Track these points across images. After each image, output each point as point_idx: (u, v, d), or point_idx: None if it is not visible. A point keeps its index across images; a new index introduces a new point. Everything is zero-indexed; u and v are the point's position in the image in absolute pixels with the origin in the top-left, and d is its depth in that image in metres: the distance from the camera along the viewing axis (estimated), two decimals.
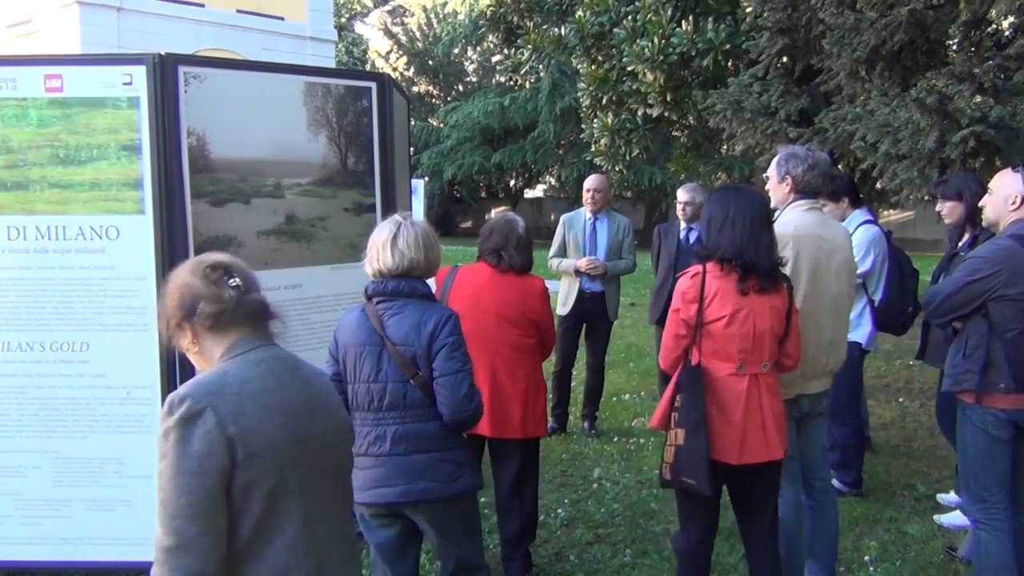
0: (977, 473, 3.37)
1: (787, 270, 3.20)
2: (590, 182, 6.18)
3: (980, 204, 3.56)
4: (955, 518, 4.57)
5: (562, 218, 6.34)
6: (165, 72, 3.61)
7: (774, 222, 3.22)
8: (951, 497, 4.92)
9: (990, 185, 3.46)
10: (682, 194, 6.21)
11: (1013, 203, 3.30)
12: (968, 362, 3.33)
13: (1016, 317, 3.18)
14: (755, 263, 2.97)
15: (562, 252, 6.19)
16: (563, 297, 6.14)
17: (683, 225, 6.23)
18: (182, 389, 1.82)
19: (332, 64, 19.08)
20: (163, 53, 3.66)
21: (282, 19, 17.76)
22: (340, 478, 2.01)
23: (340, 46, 27.57)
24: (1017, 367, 3.19)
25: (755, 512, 3.24)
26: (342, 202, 4.24)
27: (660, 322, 6.22)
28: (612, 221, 6.22)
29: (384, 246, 2.81)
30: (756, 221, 3.01)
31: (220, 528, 1.75)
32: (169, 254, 3.64)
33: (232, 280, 1.93)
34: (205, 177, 3.75)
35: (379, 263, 2.83)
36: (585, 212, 6.21)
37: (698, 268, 3.07)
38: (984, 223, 3.71)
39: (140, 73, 3.60)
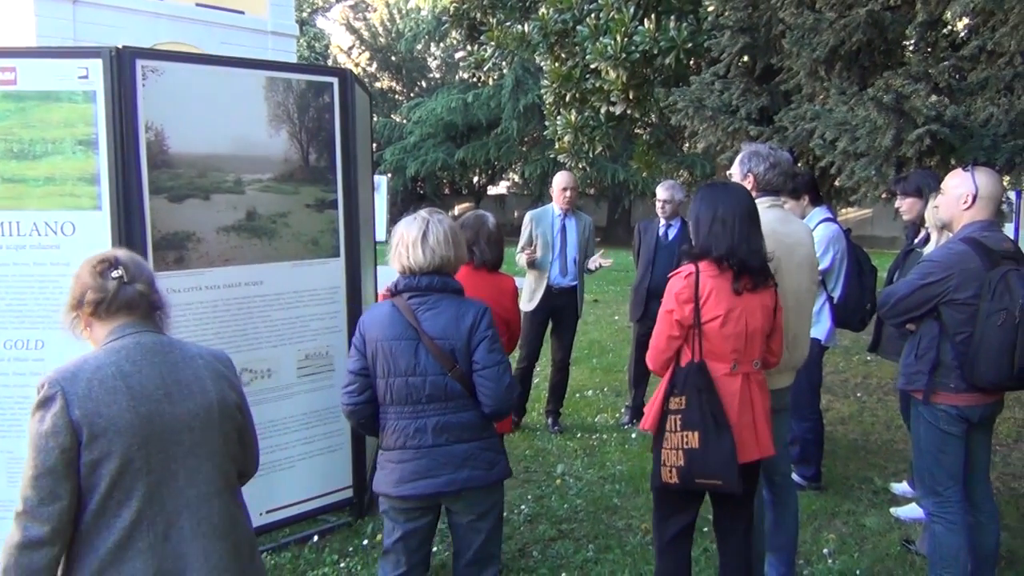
0: (931, 468, 3.44)
1: None
2: (564, 181, 6.20)
3: (934, 205, 3.62)
4: (911, 511, 4.66)
5: (528, 215, 6.33)
6: (122, 65, 3.55)
7: None
8: (904, 487, 5.02)
9: (942, 186, 3.51)
10: (661, 191, 6.25)
11: (965, 202, 3.36)
12: (920, 362, 3.40)
13: (966, 321, 3.23)
14: (747, 261, 2.99)
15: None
16: (529, 294, 6.14)
17: (662, 222, 6.26)
18: (48, 374, 2.05)
19: (293, 59, 18.91)
20: (120, 46, 3.60)
21: (242, 13, 17.56)
22: (209, 453, 2.14)
23: (301, 41, 27.33)
24: (966, 369, 3.25)
25: (735, 509, 3.25)
26: (304, 198, 4.20)
27: (641, 320, 6.26)
28: (580, 219, 6.28)
29: (415, 244, 2.86)
30: (745, 219, 3.02)
31: (61, 501, 1.95)
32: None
33: (115, 272, 2.12)
34: (164, 172, 3.70)
35: (410, 260, 2.87)
36: (554, 209, 6.24)
37: (691, 268, 3.05)
38: (938, 223, 3.77)
39: (96, 66, 3.54)
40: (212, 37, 16.30)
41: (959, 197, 3.37)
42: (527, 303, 6.09)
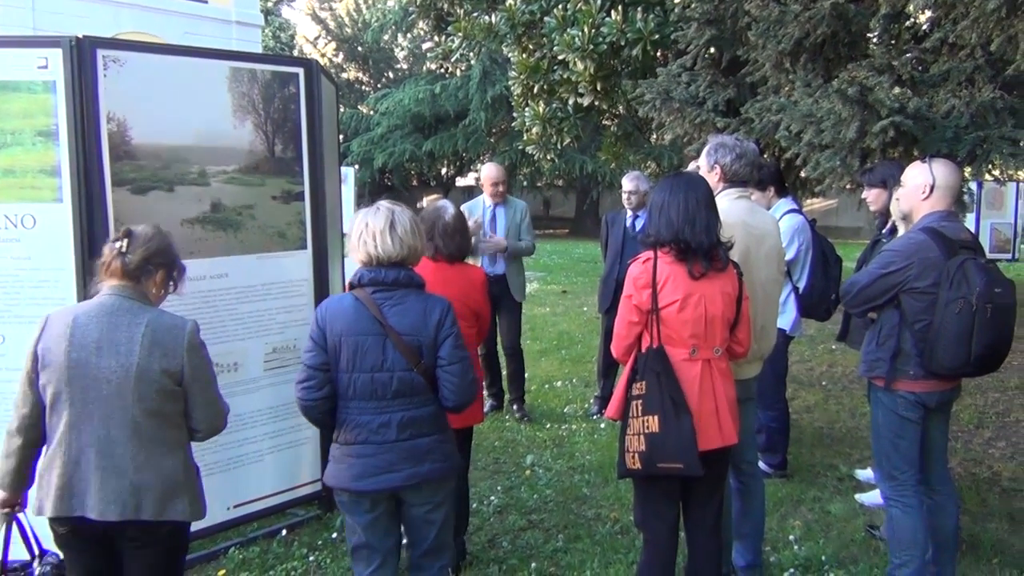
0: (888, 452, 3.50)
1: None
2: (494, 175, 6.28)
3: (896, 197, 3.68)
4: (874, 497, 4.72)
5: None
6: (83, 55, 3.50)
7: None
8: (868, 474, 5.09)
9: (902, 179, 3.57)
10: (626, 183, 6.27)
11: (923, 192, 3.42)
12: (880, 349, 3.46)
13: (925, 309, 3.29)
14: (691, 242, 3.00)
15: None
16: None
17: (629, 213, 6.28)
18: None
19: (258, 49, 18.69)
20: (80, 36, 3.54)
21: (206, 2, 17.31)
22: (122, 405, 2.53)
23: (267, 31, 27.04)
24: (925, 356, 3.31)
25: (704, 498, 3.26)
26: (270, 190, 4.16)
27: (609, 311, 6.30)
28: (510, 207, 6.34)
29: (383, 233, 2.84)
30: (691, 202, 3.03)
31: (26, 407, 2.59)
32: (89, 243, 3.53)
33: (118, 243, 2.64)
34: (126, 164, 3.65)
35: (377, 249, 2.85)
36: (484, 200, 6.33)
37: (649, 254, 3.09)
38: (899, 215, 3.83)
39: (56, 56, 3.48)
40: (175, 27, 16.05)
41: (917, 188, 3.44)
42: None
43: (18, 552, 2.90)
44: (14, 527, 2.79)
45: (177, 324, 2.65)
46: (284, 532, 4.32)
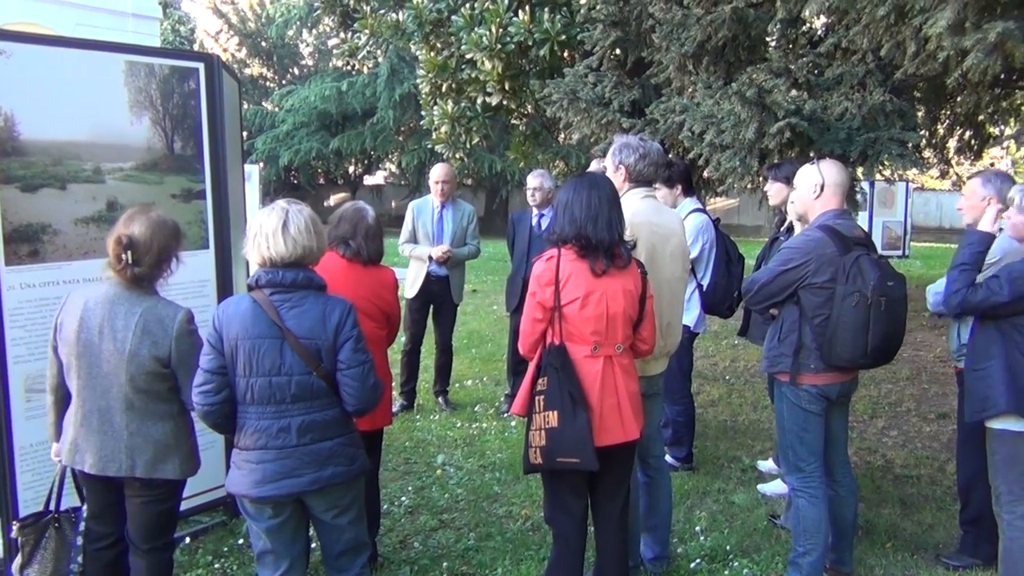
0: (794, 445, 3.61)
1: None
2: (439, 174, 6.34)
3: (791, 200, 3.80)
4: (776, 487, 4.88)
5: (410, 205, 6.51)
6: None
7: None
8: (770, 465, 5.25)
9: (795, 181, 3.69)
10: (531, 180, 6.30)
11: (814, 192, 3.56)
12: (782, 345, 3.56)
13: (823, 304, 3.41)
14: (592, 238, 3.04)
15: (412, 238, 6.41)
16: (411, 280, 6.40)
17: (535, 212, 6.32)
18: None
19: (156, 43, 18.08)
20: None
21: None
22: (118, 382, 2.91)
23: (165, 24, 26.16)
24: (824, 349, 3.43)
25: (610, 493, 3.30)
26: (169, 188, 4.04)
27: (517, 310, 6.32)
28: (457, 209, 6.43)
29: (275, 233, 2.77)
30: (594, 199, 3.08)
31: (52, 369, 3.07)
32: None
33: (123, 255, 2.89)
34: (14, 160, 3.49)
35: (270, 251, 2.77)
36: (433, 200, 6.38)
37: (554, 252, 3.12)
38: (795, 216, 3.96)
39: None
40: (67, 18, 15.38)
41: (808, 188, 3.57)
42: (409, 289, 6.37)
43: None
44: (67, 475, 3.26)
45: (168, 315, 2.95)
46: (188, 540, 4.19)
